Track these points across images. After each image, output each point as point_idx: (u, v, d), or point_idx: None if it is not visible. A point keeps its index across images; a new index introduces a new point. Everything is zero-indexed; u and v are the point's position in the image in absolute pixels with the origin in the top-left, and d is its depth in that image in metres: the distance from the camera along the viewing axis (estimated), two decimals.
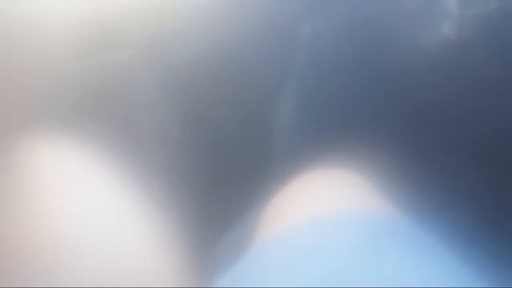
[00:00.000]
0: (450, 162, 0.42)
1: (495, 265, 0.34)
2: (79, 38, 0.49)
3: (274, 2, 0.47)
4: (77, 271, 0.43)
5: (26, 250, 0.43)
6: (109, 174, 0.47)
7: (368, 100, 0.45)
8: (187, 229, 0.46)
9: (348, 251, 0.36)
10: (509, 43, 0.42)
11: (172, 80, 0.48)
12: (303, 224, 0.39)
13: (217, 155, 0.47)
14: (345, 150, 0.44)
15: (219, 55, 0.47)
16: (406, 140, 0.43)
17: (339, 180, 0.43)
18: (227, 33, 0.47)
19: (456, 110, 0.43)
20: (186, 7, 0.48)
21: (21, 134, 0.47)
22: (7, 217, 0.45)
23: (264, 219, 0.43)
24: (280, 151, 0.46)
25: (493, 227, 0.40)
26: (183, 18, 0.48)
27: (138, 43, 0.49)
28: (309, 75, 0.46)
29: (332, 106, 0.46)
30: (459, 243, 0.35)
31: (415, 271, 0.35)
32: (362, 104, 0.45)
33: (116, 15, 0.49)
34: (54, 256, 0.43)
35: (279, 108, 0.46)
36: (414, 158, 0.43)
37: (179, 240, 0.45)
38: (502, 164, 0.41)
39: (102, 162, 0.47)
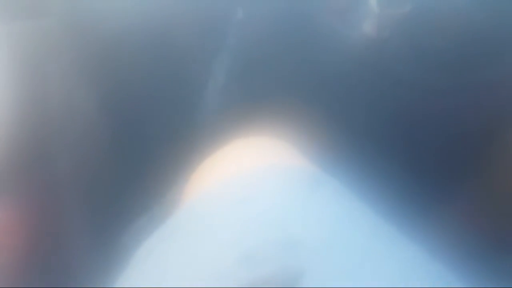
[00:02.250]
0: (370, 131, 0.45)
1: (418, 226, 0.36)
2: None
3: None
4: None
5: None
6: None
7: (293, 79, 0.48)
8: (116, 191, 0.45)
9: (274, 198, 0.37)
10: (422, 41, 0.47)
11: (98, 48, 0.48)
12: (232, 179, 0.40)
13: (147, 122, 0.47)
14: (271, 120, 0.46)
15: (150, 27, 0.48)
16: (328, 114, 0.46)
17: (263, 145, 0.44)
18: (158, 6, 0.48)
19: (372, 95, 0.47)
20: None
21: None
22: None
23: (195, 179, 0.43)
24: (208, 121, 0.47)
25: (416, 189, 0.43)
26: None
27: (61, 11, 0.48)
28: (239, 53, 0.48)
29: (261, 83, 0.48)
30: (376, 198, 0.37)
31: (330, 216, 0.36)
32: (287, 82, 0.48)
33: None
34: None
35: (211, 81, 0.48)
36: (335, 129, 0.45)
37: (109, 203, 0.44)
38: (418, 148, 0.45)
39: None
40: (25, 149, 0.45)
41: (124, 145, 0.47)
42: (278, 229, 0.35)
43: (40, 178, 0.45)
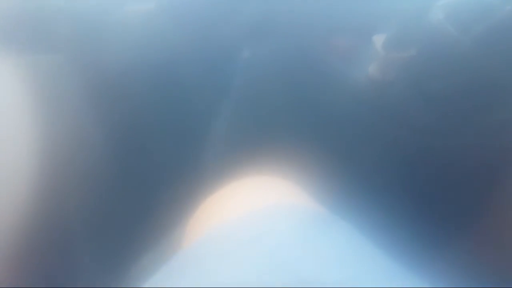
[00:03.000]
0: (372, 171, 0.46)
1: (425, 264, 0.36)
2: (9, 36, 0.48)
3: (216, 24, 0.49)
4: None
5: None
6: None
7: (295, 119, 0.48)
8: (121, 229, 0.44)
9: (281, 239, 0.37)
10: (426, 84, 0.48)
11: (104, 85, 0.48)
12: (238, 219, 0.40)
13: (151, 161, 0.47)
14: (273, 160, 0.46)
15: (156, 64, 0.48)
16: (333, 154, 0.47)
17: (268, 185, 0.44)
18: (165, 44, 0.48)
19: (376, 136, 0.47)
20: (125, 15, 0.49)
21: None
22: None
23: (200, 218, 0.43)
24: (212, 160, 0.47)
25: (421, 227, 0.43)
26: (121, 25, 0.49)
27: (70, 46, 0.49)
28: (244, 93, 0.48)
29: (263, 123, 0.48)
30: (385, 240, 0.37)
31: (337, 256, 0.36)
32: (290, 122, 0.48)
33: (49, 15, 0.49)
34: None
35: (216, 120, 0.48)
36: (340, 169, 0.46)
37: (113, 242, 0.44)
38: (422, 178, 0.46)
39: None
40: (32, 184, 0.45)
41: (129, 183, 0.47)
42: (286, 271, 0.35)
43: (47, 214, 0.45)
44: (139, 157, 0.48)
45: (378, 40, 0.49)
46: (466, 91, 0.47)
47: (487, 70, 0.47)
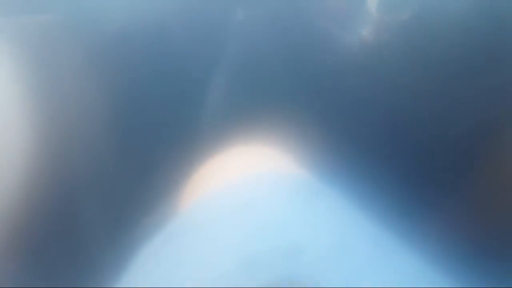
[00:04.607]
0: (370, 140, 0.45)
1: (416, 229, 0.37)
2: None
3: None
4: None
5: None
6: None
7: (289, 87, 0.48)
8: (115, 195, 0.44)
9: (274, 206, 0.37)
10: (421, 45, 0.47)
11: (98, 47, 0.48)
12: (232, 186, 0.40)
13: (145, 128, 0.47)
14: (266, 128, 0.46)
15: (146, 30, 0.48)
16: (326, 121, 0.46)
17: (261, 153, 0.44)
18: (156, 9, 0.48)
19: (371, 101, 0.47)
20: None
21: None
22: None
23: (194, 184, 0.43)
24: (206, 128, 0.47)
25: (414, 194, 0.43)
26: None
27: (66, 7, 0.48)
28: (238, 58, 0.48)
29: (256, 90, 0.48)
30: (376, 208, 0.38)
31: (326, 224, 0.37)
32: (284, 89, 0.48)
33: None
34: None
35: (211, 87, 0.47)
36: (333, 136, 0.46)
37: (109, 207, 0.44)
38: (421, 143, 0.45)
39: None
40: (33, 148, 0.45)
41: (124, 149, 0.47)
42: (278, 236, 0.35)
43: (46, 176, 0.45)
44: (134, 124, 0.48)
45: (375, 2, 0.48)
46: (463, 50, 0.47)
47: (487, 31, 0.46)
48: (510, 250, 0.42)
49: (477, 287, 0.31)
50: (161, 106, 0.48)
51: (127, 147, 0.48)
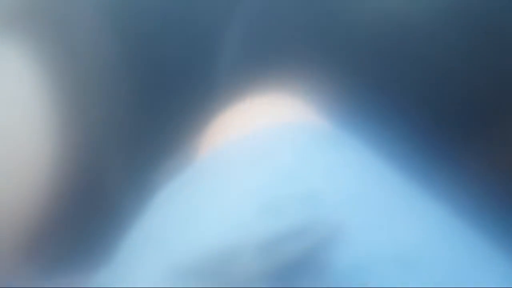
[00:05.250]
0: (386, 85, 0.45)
1: (436, 177, 0.36)
2: None
3: None
4: None
5: None
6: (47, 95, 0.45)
7: (307, 35, 0.47)
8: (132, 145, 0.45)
9: (292, 154, 0.37)
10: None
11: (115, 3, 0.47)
12: (249, 135, 0.40)
13: (163, 78, 0.47)
14: (284, 78, 0.45)
15: None
16: (345, 70, 0.45)
17: (279, 103, 0.44)
18: None
19: (388, 48, 0.46)
20: None
21: None
22: None
23: (208, 135, 0.43)
24: (223, 78, 0.47)
25: (430, 141, 0.42)
26: None
27: None
28: (254, 10, 0.47)
29: (277, 38, 0.47)
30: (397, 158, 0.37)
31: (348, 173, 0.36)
32: (301, 38, 0.47)
33: None
34: None
35: (227, 37, 0.47)
36: (353, 85, 0.45)
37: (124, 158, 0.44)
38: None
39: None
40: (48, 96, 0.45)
41: (143, 97, 0.47)
42: (297, 183, 0.35)
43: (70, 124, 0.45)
44: (154, 74, 0.47)
45: None
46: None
47: None
48: None
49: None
50: (181, 55, 0.48)
51: (148, 95, 0.48)
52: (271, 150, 0.38)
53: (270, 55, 0.46)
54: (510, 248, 0.31)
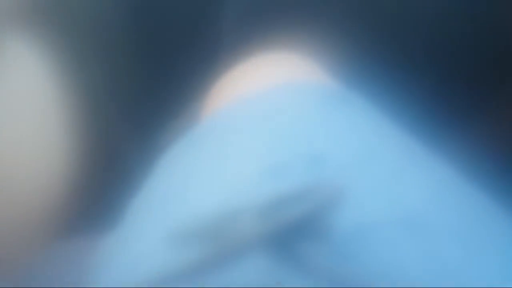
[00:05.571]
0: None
1: (441, 139, 0.35)
2: None
3: None
4: None
5: None
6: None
7: None
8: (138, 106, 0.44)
9: (298, 114, 0.36)
10: None
11: None
12: (255, 94, 0.39)
13: (168, 35, 0.46)
14: (290, 36, 0.44)
15: None
16: (352, 26, 0.44)
17: (284, 61, 0.43)
18: None
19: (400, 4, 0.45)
20: None
21: None
22: None
23: (214, 94, 0.42)
24: (229, 36, 0.46)
25: (438, 102, 0.42)
26: None
27: None
28: None
29: None
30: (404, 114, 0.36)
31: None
32: None
33: None
34: None
35: None
36: (361, 43, 0.44)
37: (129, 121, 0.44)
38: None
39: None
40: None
41: (146, 58, 0.46)
42: (303, 144, 0.34)
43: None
44: (156, 34, 0.47)
45: None
46: None
47: None
48: None
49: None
50: (186, 16, 0.47)
51: (153, 56, 0.47)
52: (276, 110, 0.37)
53: (276, 13, 0.45)
54: None
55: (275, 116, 0.36)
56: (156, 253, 0.28)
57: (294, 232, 0.26)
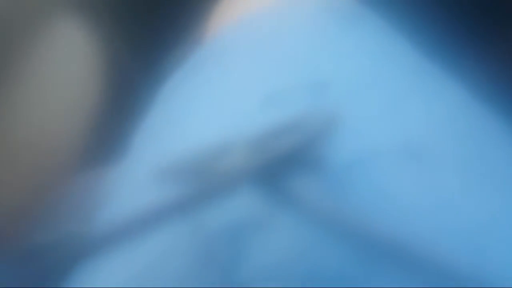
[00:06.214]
0: None
1: (459, 62, 0.32)
2: None
3: None
4: None
5: None
6: None
7: None
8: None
9: (306, 34, 0.34)
10: None
11: None
12: (258, 12, 0.37)
13: None
14: None
15: None
16: None
17: None
18: None
19: None
20: None
21: None
22: None
23: (214, 19, 0.40)
24: None
25: (460, 22, 0.39)
26: None
27: None
28: None
29: None
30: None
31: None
32: None
33: None
34: None
35: None
36: None
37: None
38: None
39: None
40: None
41: None
42: (308, 68, 0.32)
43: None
44: None
45: None
46: None
47: None
48: None
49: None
50: None
51: None
52: (281, 32, 0.35)
53: None
54: None
55: (278, 39, 0.34)
56: (147, 188, 0.28)
57: (283, 165, 0.24)
